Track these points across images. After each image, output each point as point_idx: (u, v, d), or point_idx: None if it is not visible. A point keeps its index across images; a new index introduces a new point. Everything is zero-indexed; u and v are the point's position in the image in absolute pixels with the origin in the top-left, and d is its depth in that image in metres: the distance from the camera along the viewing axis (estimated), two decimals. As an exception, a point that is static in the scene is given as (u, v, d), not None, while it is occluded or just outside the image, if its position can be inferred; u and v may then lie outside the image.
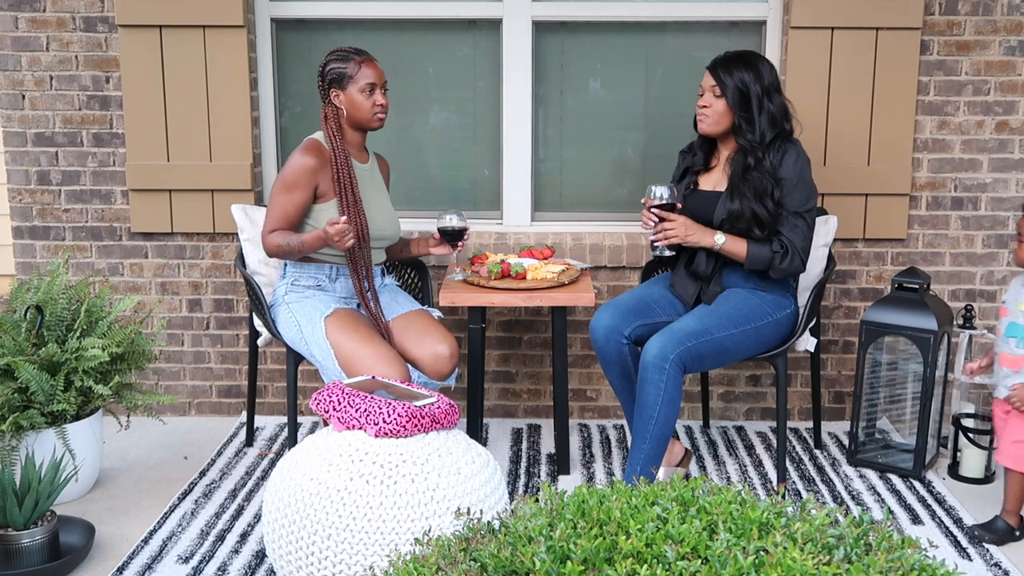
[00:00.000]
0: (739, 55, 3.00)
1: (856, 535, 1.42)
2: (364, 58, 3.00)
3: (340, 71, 2.98)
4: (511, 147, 3.75)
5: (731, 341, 2.91)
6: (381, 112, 3.02)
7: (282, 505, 2.34)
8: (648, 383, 2.82)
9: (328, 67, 3.01)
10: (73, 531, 2.72)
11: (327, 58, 3.02)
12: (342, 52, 3.01)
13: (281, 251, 2.95)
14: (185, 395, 3.85)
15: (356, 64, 2.98)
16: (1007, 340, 2.87)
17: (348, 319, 2.95)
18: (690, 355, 2.82)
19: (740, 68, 2.95)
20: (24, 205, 3.70)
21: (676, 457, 3.18)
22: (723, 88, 2.96)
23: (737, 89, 2.95)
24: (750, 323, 2.94)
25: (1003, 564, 2.68)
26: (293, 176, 2.94)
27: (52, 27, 3.57)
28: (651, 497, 1.52)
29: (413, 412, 2.37)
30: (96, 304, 3.12)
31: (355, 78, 2.98)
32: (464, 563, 1.42)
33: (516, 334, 3.79)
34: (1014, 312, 2.88)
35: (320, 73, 3.03)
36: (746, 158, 2.96)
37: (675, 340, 2.81)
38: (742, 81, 2.95)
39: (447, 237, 3.11)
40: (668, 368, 2.79)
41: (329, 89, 3.01)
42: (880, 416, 3.48)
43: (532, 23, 3.66)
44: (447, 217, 3.09)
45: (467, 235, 3.12)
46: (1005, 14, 3.51)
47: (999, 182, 3.63)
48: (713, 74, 2.98)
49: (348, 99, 2.99)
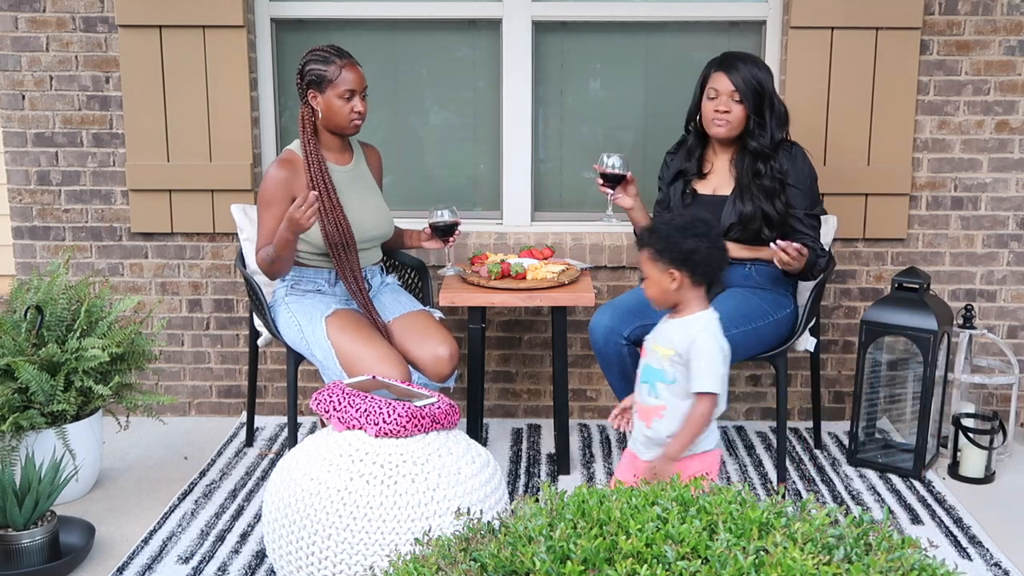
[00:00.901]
0: (748, 56, 3.01)
1: (856, 535, 1.42)
2: (346, 62, 2.94)
3: (320, 73, 2.92)
4: (511, 147, 3.75)
5: (732, 341, 2.90)
6: (358, 119, 2.97)
7: (282, 505, 2.34)
8: (605, 349, 2.87)
9: (308, 67, 2.94)
10: (73, 531, 2.72)
11: (307, 57, 2.95)
12: (323, 53, 2.94)
13: (268, 261, 2.90)
14: (185, 395, 3.85)
15: (337, 68, 2.91)
16: (640, 385, 2.37)
17: (349, 319, 2.95)
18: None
19: (753, 68, 2.97)
20: (24, 205, 3.70)
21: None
22: (742, 93, 2.96)
23: (755, 92, 2.96)
24: (751, 323, 2.94)
25: (1003, 564, 2.68)
26: (269, 192, 2.92)
27: (52, 27, 3.57)
28: (651, 497, 1.52)
29: (413, 412, 2.37)
30: (96, 304, 3.12)
31: (335, 82, 2.91)
32: (464, 563, 1.42)
33: (516, 334, 3.79)
34: (651, 352, 2.36)
35: (299, 72, 2.97)
36: (755, 161, 2.97)
37: (629, 313, 2.84)
38: (758, 82, 2.96)
39: (439, 232, 3.12)
40: (621, 332, 2.83)
41: (307, 89, 2.95)
42: (880, 416, 3.47)
43: (532, 23, 3.66)
44: (438, 213, 3.10)
45: (459, 230, 3.13)
46: (1005, 14, 3.51)
47: (999, 182, 3.63)
48: (731, 77, 2.97)
49: (325, 102, 2.94)
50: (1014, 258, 3.68)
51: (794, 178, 2.99)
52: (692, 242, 2.21)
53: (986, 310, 3.73)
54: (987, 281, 3.71)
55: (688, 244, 2.21)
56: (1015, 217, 3.65)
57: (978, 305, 3.72)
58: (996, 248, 3.68)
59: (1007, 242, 3.67)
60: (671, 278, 2.25)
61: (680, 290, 2.26)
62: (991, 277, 3.71)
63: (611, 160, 3.04)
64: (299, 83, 2.99)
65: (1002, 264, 3.69)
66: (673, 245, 2.22)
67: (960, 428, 3.24)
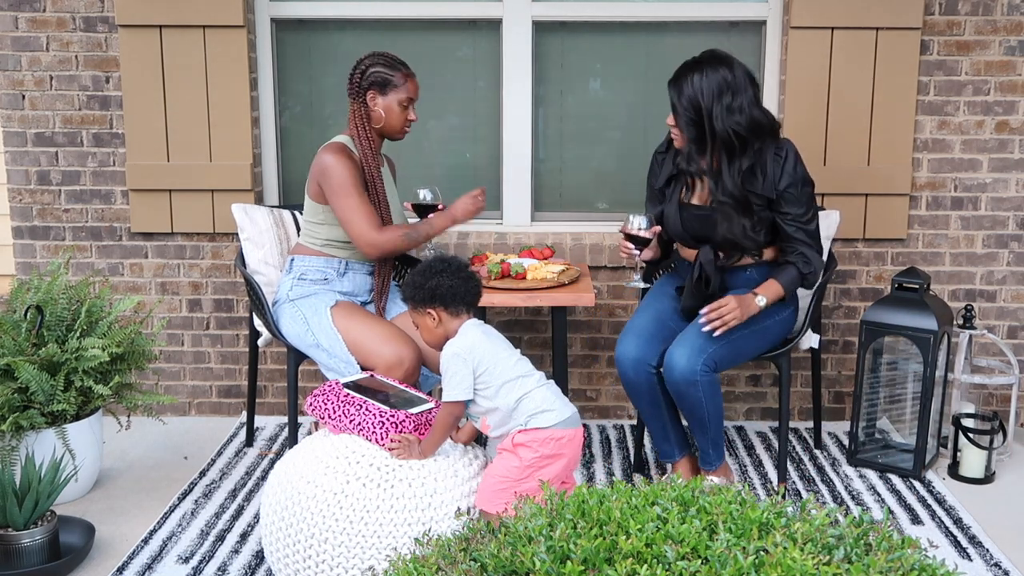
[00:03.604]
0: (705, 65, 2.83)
1: (856, 535, 1.42)
2: (409, 72, 3.03)
3: (386, 76, 2.98)
4: (511, 147, 3.75)
5: (743, 341, 2.92)
6: (409, 127, 3.08)
7: (279, 508, 2.34)
8: (686, 397, 2.84)
9: (372, 69, 2.98)
10: (73, 531, 2.72)
11: (371, 60, 3.00)
12: (390, 59, 3.01)
13: (407, 240, 2.96)
14: (185, 395, 3.85)
15: (403, 76, 3.00)
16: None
17: (353, 308, 2.99)
18: (712, 360, 2.82)
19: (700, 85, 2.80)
20: (24, 205, 3.70)
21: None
22: (677, 117, 2.86)
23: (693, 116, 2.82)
24: (758, 323, 2.93)
25: (1003, 564, 2.68)
26: (351, 178, 2.93)
27: (52, 27, 3.57)
28: (651, 497, 1.52)
29: (405, 425, 2.37)
30: (96, 304, 3.12)
31: (399, 88, 2.99)
32: (464, 563, 1.42)
33: (516, 334, 3.79)
34: None
35: (360, 71, 2.99)
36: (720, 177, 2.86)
37: (695, 351, 2.80)
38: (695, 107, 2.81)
39: (418, 211, 3.17)
40: (699, 379, 2.80)
41: (367, 90, 2.99)
42: (880, 416, 3.47)
43: (532, 23, 3.66)
44: (421, 193, 3.17)
45: (440, 210, 3.15)
46: (1005, 14, 3.51)
47: (999, 182, 3.63)
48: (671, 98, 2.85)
49: (386, 105, 3.00)
50: (1014, 258, 3.68)
51: (785, 183, 2.86)
52: (435, 280, 2.42)
53: (986, 310, 3.73)
54: (987, 281, 3.71)
55: (431, 283, 2.42)
56: (1015, 217, 3.65)
57: (978, 305, 3.72)
58: (996, 248, 3.68)
59: (1007, 242, 3.67)
60: (431, 317, 2.44)
61: (443, 324, 2.44)
62: (991, 277, 3.71)
63: (637, 221, 2.90)
64: (356, 83, 3.01)
65: (1002, 264, 3.69)
66: (419, 288, 2.44)
67: (960, 428, 3.24)
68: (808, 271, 2.92)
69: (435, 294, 2.41)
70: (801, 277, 2.92)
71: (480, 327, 2.43)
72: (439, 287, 2.41)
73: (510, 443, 2.36)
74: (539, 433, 2.33)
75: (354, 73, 3.01)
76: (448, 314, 2.43)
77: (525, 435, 2.34)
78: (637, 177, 3.78)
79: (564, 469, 2.38)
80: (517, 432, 2.35)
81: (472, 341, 2.38)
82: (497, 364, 2.37)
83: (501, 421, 2.38)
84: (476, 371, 2.35)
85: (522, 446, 2.33)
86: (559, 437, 2.34)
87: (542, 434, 2.33)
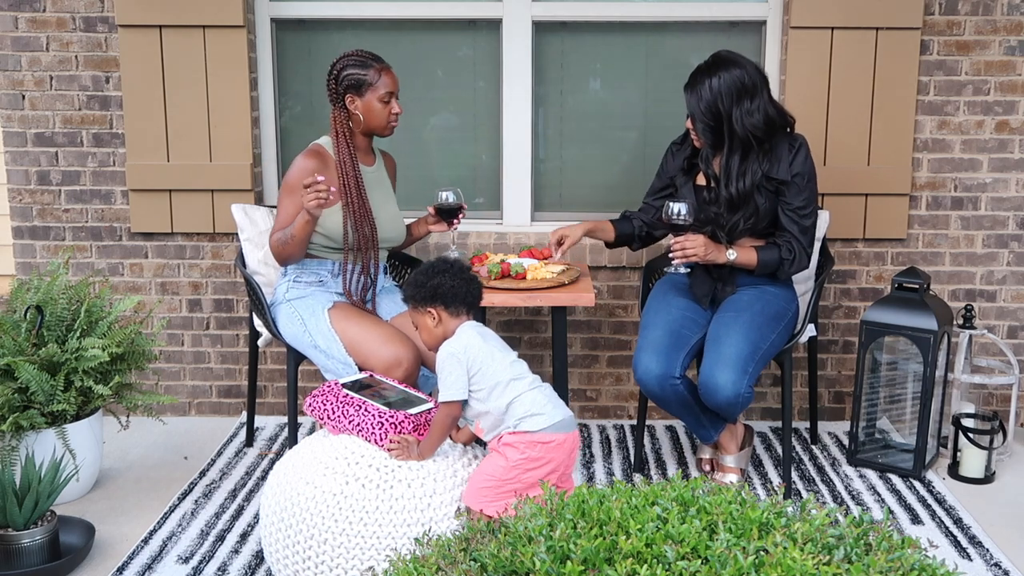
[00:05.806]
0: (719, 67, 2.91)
1: (856, 535, 1.42)
2: (383, 66, 3.00)
3: (359, 77, 2.97)
4: (511, 147, 3.75)
5: (773, 346, 2.98)
6: (395, 121, 3.05)
7: (278, 509, 2.34)
8: (726, 411, 2.91)
9: (345, 72, 2.97)
10: (73, 531, 2.72)
11: (343, 62, 2.99)
12: (360, 57, 2.99)
13: (280, 245, 2.93)
14: (185, 395, 3.85)
15: (376, 72, 2.97)
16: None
17: (350, 310, 2.98)
18: (754, 378, 2.88)
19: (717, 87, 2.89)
20: (24, 205, 3.70)
21: (741, 436, 3.20)
22: (695, 121, 2.94)
23: (713, 117, 2.91)
24: (780, 322, 3.01)
25: (1003, 564, 2.68)
26: (294, 180, 2.95)
27: (52, 27, 3.57)
28: (651, 497, 1.52)
29: (404, 426, 2.37)
30: (96, 304, 3.12)
31: (375, 86, 2.97)
32: (464, 563, 1.42)
33: (516, 334, 3.79)
34: None
35: (333, 76, 2.99)
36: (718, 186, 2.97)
37: (738, 370, 2.83)
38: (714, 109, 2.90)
39: (443, 214, 3.16)
40: (743, 400, 2.85)
41: (344, 94, 2.99)
42: (880, 416, 3.47)
43: (532, 23, 3.66)
44: (443, 195, 3.13)
45: (463, 213, 3.16)
46: (1005, 14, 3.51)
47: (999, 182, 3.63)
48: (688, 104, 2.94)
49: (365, 106, 2.99)
50: (1014, 258, 3.68)
51: (793, 172, 2.96)
52: (437, 279, 2.44)
53: (986, 310, 3.73)
54: (987, 281, 3.71)
55: (433, 281, 2.44)
56: (1015, 217, 3.65)
57: (978, 305, 3.72)
58: (996, 248, 3.68)
59: (1007, 242, 3.67)
60: (431, 317, 2.45)
61: (442, 324, 2.45)
62: (991, 277, 3.71)
63: (676, 207, 2.88)
64: (334, 88, 3.00)
65: (1002, 264, 3.69)
66: (421, 287, 2.45)
67: (960, 428, 3.24)
68: (788, 258, 2.99)
69: (436, 293, 2.42)
70: (780, 262, 2.99)
71: (477, 328, 2.43)
72: (441, 286, 2.42)
73: (498, 443, 2.36)
74: (527, 436, 2.32)
75: (329, 78, 3.01)
76: (448, 314, 2.44)
77: (513, 436, 2.33)
78: (637, 177, 3.79)
79: (553, 473, 2.36)
80: (506, 433, 2.35)
81: (467, 341, 2.38)
82: (491, 366, 2.36)
83: (493, 425, 2.37)
84: (470, 371, 2.35)
85: (509, 447, 2.33)
86: (547, 441, 2.33)
87: (529, 437, 2.32)
